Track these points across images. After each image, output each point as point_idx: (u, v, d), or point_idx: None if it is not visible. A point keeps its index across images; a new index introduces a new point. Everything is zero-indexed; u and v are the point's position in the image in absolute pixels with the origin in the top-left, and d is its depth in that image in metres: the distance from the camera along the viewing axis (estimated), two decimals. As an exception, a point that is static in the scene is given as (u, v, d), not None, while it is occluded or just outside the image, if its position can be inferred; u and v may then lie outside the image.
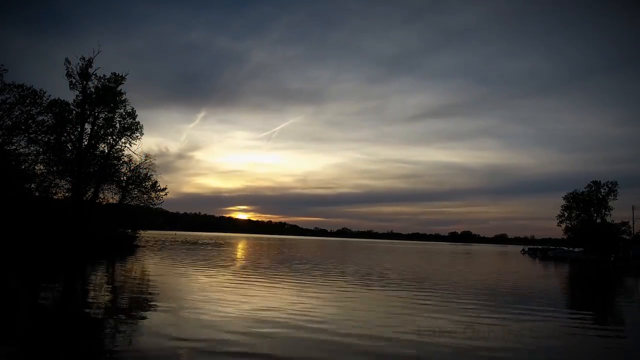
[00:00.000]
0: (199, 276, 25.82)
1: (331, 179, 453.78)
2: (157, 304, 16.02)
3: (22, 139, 40.68)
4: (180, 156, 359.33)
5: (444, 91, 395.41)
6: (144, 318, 13.58)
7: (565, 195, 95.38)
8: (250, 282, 23.60)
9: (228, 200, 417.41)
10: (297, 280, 25.61)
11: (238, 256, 49.70)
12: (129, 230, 52.19)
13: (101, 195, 48.86)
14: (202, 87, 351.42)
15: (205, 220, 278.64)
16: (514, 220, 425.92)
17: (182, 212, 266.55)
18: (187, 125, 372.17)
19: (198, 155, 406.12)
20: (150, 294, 18.88)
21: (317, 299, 18.50)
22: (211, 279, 24.51)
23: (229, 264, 36.79)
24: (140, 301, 16.95)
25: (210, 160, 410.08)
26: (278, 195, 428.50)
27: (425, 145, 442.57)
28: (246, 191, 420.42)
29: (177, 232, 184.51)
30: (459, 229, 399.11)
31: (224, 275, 27.13)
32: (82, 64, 45.56)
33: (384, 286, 24.55)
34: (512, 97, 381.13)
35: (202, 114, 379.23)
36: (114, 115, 47.59)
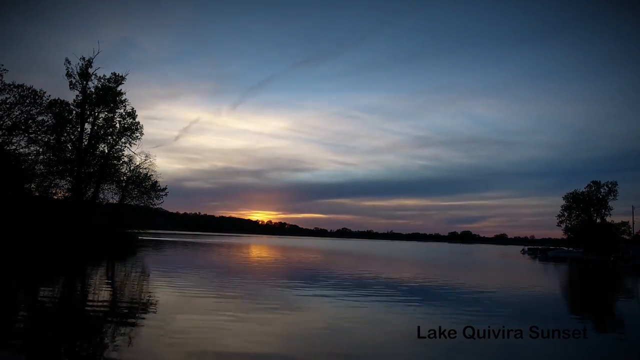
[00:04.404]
0: (197, 279, 25.82)
1: (303, 154, 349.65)
2: (156, 305, 16.03)
3: (22, 139, 40.67)
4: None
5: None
6: (142, 319, 13.58)
7: (565, 195, 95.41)
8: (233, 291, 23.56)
9: (206, 193, 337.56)
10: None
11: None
12: (129, 230, 52.13)
13: (101, 195, 48.86)
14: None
15: (205, 221, 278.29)
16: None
17: (182, 212, 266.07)
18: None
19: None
20: (149, 295, 18.88)
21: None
22: (205, 283, 24.50)
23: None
24: (139, 302, 16.95)
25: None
26: (259, 186, 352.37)
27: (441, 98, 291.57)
28: (217, 179, 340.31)
29: (177, 233, 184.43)
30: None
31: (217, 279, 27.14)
32: (82, 64, 45.58)
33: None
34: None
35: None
36: (113, 115, 47.56)
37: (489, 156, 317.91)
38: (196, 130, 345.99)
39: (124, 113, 48.00)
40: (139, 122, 48.98)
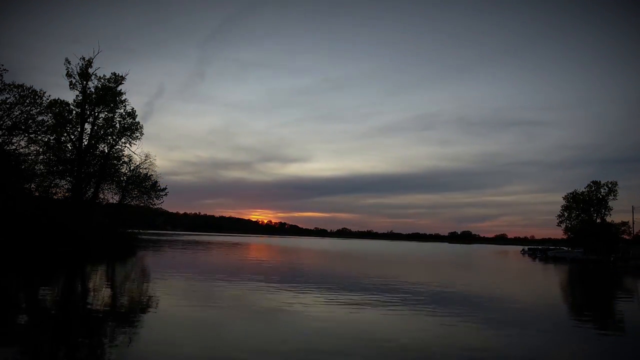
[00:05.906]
0: (198, 280, 25.81)
1: (289, 139, 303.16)
2: (155, 305, 16.02)
3: (22, 139, 40.69)
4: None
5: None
6: (142, 320, 13.58)
7: (565, 195, 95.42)
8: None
9: (197, 190, 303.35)
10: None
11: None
12: (129, 231, 52.12)
13: (101, 195, 48.85)
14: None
15: (205, 221, 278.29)
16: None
17: (182, 212, 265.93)
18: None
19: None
20: (148, 296, 18.88)
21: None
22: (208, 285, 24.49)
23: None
24: (138, 303, 16.94)
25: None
26: (251, 182, 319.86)
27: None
28: (203, 173, 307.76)
29: (177, 233, 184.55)
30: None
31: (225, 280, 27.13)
32: (82, 64, 45.56)
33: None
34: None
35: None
36: (113, 115, 47.54)
37: (512, 142, 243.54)
38: (162, 108, 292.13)
39: (124, 113, 48.02)
40: (139, 122, 49.03)
